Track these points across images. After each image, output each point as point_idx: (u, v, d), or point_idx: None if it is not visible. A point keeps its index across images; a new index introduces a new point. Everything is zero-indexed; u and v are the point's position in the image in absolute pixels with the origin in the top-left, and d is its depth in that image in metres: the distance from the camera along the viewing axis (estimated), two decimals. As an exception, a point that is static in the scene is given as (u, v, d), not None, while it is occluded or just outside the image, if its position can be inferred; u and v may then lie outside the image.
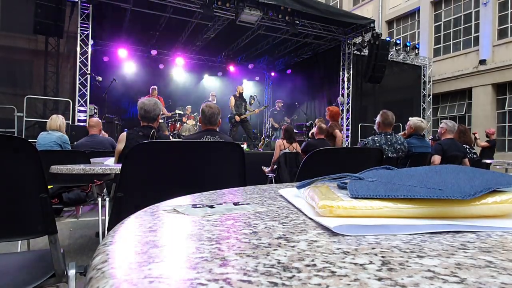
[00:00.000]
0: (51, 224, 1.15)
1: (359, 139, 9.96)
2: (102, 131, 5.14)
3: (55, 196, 3.29)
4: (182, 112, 9.69)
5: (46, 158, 2.63)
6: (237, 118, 8.33)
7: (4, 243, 2.34)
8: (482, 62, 12.06)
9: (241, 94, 8.58)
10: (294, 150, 5.42)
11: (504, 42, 11.70)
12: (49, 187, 1.77)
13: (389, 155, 3.53)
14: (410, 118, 4.18)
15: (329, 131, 5.78)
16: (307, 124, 9.67)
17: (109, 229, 1.66)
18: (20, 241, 2.47)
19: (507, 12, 11.73)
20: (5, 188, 1.18)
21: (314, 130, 5.49)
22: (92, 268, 0.26)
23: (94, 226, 3.92)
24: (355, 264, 0.25)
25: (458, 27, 13.17)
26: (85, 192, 3.43)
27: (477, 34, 12.46)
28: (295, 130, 9.49)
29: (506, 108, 11.79)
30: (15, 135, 5.89)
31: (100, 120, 4.75)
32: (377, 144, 3.52)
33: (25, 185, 1.21)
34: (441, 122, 4.29)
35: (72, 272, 1.15)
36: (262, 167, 5.68)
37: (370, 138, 3.69)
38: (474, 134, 8.54)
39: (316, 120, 7.08)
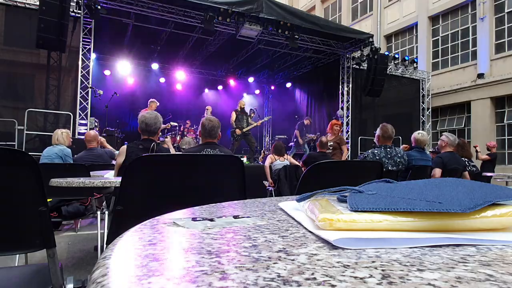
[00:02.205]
0: (49, 238, 1.14)
1: (358, 152, 9.95)
2: (104, 141, 5.15)
3: (54, 209, 3.27)
4: (176, 124, 9.77)
5: (46, 171, 2.63)
6: (238, 131, 8.35)
7: (1, 257, 2.32)
8: (480, 76, 12.15)
9: (242, 108, 8.62)
10: (285, 161, 5.52)
11: (501, 56, 11.81)
12: (48, 200, 1.76)
13: (389, 168, 3.53)
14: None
15: (339, 144, 5.84)
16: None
17: (108, 243, 1.65)
18: (17, 255, 2.45)
19: (503, 27, 11.89)
20: (4, 201, 1.17)
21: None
22: (92, 281, 0.26)
23: (92, 240, 3.89)
24: (355, 277, 0.25)
25: (455, 41, 13.32)
26: (84, 205, 3.41)
27: (474, 49, 12.59)
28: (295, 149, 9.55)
29: (505, 122, 11.83)
30: (15, 148, 5.90)
31: (97, 133, 4.75)
32: (377, 157, 3.52)
33: (24, 198, 1.20)
34: (441, 135, 4.30)
35: (70, 287, 1.13)
36: (264, 182, 5.68)
37: (370, 151, 3.69)
38: (475, 147, 8.55)
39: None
